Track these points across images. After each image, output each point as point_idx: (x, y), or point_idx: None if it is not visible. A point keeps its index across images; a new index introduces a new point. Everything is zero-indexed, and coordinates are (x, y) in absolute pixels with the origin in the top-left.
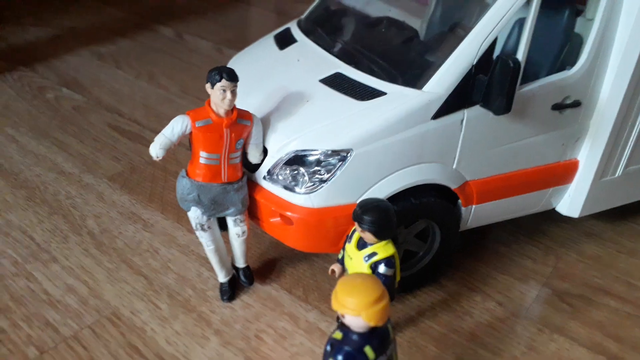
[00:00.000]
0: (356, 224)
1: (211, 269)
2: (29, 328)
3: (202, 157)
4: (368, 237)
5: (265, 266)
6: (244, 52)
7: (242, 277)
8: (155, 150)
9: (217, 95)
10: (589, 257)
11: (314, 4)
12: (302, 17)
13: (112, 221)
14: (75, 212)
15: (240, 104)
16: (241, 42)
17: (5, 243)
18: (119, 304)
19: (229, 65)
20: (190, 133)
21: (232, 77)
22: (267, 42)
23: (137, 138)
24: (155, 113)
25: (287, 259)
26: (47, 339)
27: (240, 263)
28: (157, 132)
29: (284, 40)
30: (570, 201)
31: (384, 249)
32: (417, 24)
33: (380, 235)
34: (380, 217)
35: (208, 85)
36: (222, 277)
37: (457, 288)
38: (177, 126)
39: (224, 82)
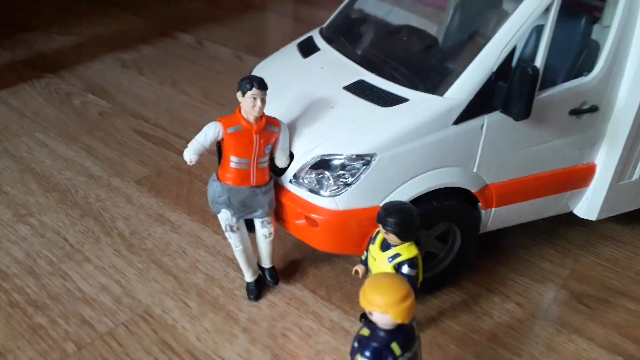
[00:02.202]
0: (380, 226)
1: (237, 270)
2: (66, 324)
3: (233, 161)
4: (392, 238)
5: (289, 267)
6: (267, 60)
7: (267, 277)
8: (190, 155)
9: (248, 103)
10: (606, 260)
11: (335, 13)
12: (324, 25)
13: (141, 223)
14: (106, 214)
15: (266, 110)
16: (260, 48)
17: (40, 244)
18: (151, 303)
19: (253, 73)
20: (222, 139)
21: (262, 85)
22: (291, 51)
23: (162, 143)
24: (179, 118)
25: (310, 260)
26: (84, 335)
27: (266, 263)
28: (181, 137)
29: (307, 49)
30: (588, 204)
31: (407, 250)
32: (435, 32)
33: (403, 237)
34: (403, 219)
35: (239, 94)
36: (249, 277)
37: (477, 289)
38: (209, 132)
39: (254, 90)
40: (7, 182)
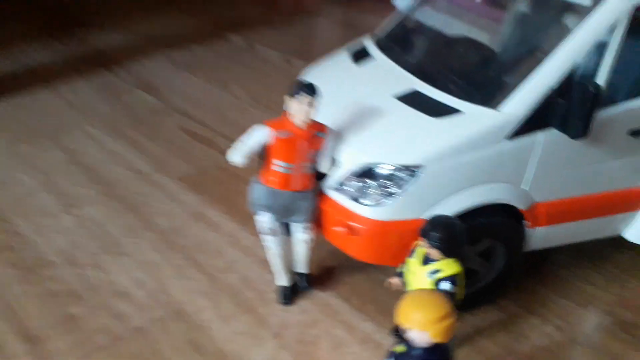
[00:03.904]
0: (423, 239)
1: (272, 273)
2: (101, 317)
3: (277, 165)
4: (435, 253)
5: (322, 274)
6: (318, 65)
7: (301, 283)
8: (235, 157)
9: (297, 108)
10: None
11: (389, 19)
12: (377, 32)
13: (181, 220)
14: (147, 209)
15: (314, 115)
16: (309, 53)
17: (83, 235)
18: (184, 300)
19: (302, 77)
20: (268, 142)
21: (313, 91)
22: (342, 56)
23: (207, 142)
24: (226, 119)
25: (344, 268)
26: (117, 329)
27: (301, 269)
28: (227, 137)
29: (359, 55)
30: None
31: (449, 267)
32: (494, 44)
33: (447, 253)
34: (449, 234)
35: (289, 98)
36: (283, 281)
37: (516, 309)
38: (257, 135)
39: (305, 95)
40: (57, 173)
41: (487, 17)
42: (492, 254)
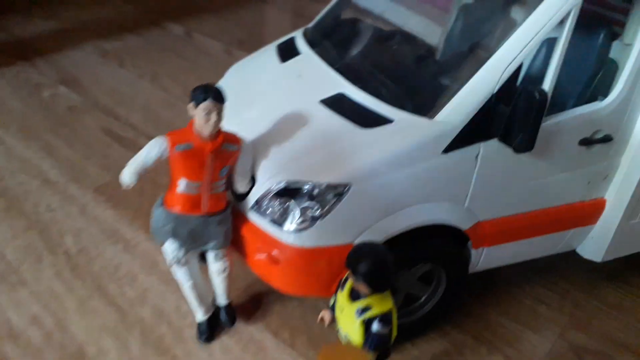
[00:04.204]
0: (349, 271)
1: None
2: None
3: (181, 185)
4: (362, 288)
5: (250, 301)
6: (242, 62)
7: (223, 316)
8: (127, 177)
9: (201, 117)
10: (610, 305)
11: (323, 11)
12: (309, 25)
13: (92, 239)
14: (54, 227)
15: (230, 123)
16: (253, 43)
17: None
18: (86, 340)
19: (226, 76)
20: (169, 158)
21: (219, 97)
22: (269, 53)
23: (130, 145)
24: (154, 117)
25: (275, 294)
26: None
27: (222, 301)
28: (152, 138)
29: (287, 52)
30: (594, 244)
31: (380, 303)
32: (435, 39)
33: (376, 287)
34: (376, 266)
35: (191, 105)
36: (200, 316)
37: (462, 337)
38: (153, 150)
39: (209, 102)
40: None
41: (436, 5)
42: (434, 277)
